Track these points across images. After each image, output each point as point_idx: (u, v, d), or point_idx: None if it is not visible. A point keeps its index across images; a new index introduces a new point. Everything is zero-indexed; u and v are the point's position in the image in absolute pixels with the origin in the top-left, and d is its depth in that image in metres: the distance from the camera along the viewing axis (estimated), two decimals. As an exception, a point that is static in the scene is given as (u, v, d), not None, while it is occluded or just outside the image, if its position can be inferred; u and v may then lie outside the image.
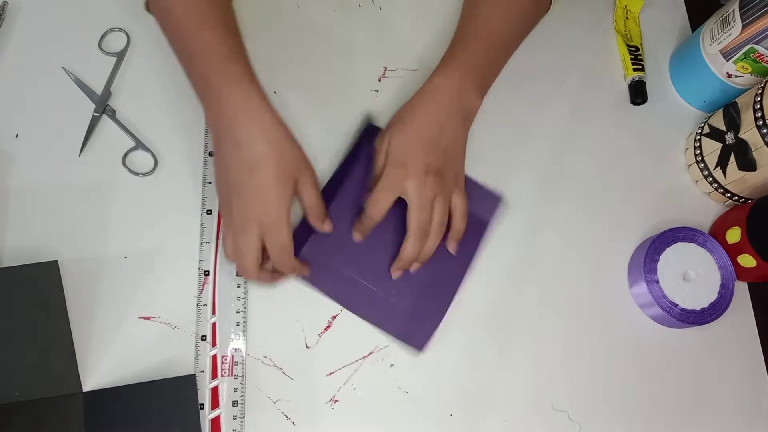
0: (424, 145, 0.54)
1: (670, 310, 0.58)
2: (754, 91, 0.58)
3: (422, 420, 0.56)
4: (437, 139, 0.54)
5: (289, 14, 0.67)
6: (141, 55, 0.63)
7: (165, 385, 0.53)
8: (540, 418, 0.57)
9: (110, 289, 0.56)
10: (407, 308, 0.57)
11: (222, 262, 0.57)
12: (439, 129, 0.54)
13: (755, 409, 0.60)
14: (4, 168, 0.58)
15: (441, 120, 0.55)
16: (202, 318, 0.56)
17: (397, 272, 0.57)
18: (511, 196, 0.62)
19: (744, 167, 0.59)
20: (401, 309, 0.57)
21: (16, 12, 0.63)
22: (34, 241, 0.56)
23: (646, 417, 0.58)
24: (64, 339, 0.52)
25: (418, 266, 0.57)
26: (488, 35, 0.58)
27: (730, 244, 0.60)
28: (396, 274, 0.57)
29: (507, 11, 0.59)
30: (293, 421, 0.54)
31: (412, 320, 0.57)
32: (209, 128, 0.55)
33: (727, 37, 0.61)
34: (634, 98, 0.68)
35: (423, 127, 0.54)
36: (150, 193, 0.59)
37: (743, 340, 0.62)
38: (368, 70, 0.66)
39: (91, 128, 0.60)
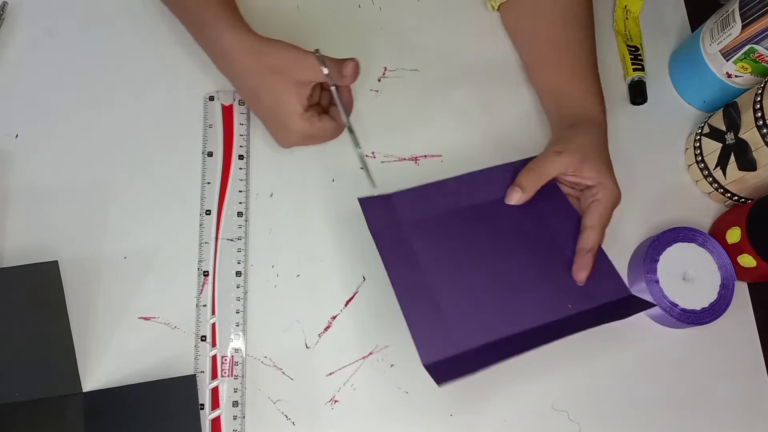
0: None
1: (670, 310, 0.58)
2: (754, 91, 0.58)
3: (422, 420, 0.56)
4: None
5: (289, 14, 0.67)
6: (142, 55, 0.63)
7: (165, 386, 0.53)
8: (540, 418, 0.57)
9: (110, 289, 0.56)
10: (591, 297, 0.54)
11: (221, 263, 0.57)
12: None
13: (755, 409, 0.60)
14: (4, 168, 0.58)
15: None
16: (201, 318, 0.56)
17: (583, 273, 0.54)
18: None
19: (744, 167, 0.59)
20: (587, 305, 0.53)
21: (16, 12, 0.63)
22: (34, 241, 0.56)
23: (646, 417, 0.58)
24: (64, 339, 0.52)
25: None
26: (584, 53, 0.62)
27: (730, 244, 0.60)
28: (582, 275, 0.54)
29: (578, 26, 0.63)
30: (293, 421, 0.54)
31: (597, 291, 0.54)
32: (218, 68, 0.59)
33: (727, 37, 0.61)
34: (634, 98, 0.68)
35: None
36: (150, 193, 0.59)
37: (743, 340, 0.62)
38: (368, 70, 0.66)
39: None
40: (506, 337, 0.51)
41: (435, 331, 0.51)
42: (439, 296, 0.52)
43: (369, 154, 0.62)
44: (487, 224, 0.56)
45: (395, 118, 0.64)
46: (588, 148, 0.56)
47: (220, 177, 0.60)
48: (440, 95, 0.66)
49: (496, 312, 0.52)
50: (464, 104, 0.66)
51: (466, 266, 0.54)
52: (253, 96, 0.56)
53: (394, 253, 0.53)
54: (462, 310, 0.52)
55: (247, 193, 0.60)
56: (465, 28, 0.69)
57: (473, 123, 0.65)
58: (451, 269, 0.54)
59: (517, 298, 0.53)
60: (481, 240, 0.56)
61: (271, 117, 0.57)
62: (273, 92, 0.55)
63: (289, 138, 0.58)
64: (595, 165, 0.55)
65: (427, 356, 0.49)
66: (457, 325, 0.51)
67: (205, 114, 0.62)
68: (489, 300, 0.53)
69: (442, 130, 0.64)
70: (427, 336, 0.50)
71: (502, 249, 0.56)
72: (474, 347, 0.50)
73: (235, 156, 0.60)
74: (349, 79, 0.56)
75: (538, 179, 0.56)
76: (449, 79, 0.66)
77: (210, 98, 0.62)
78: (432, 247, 0.54)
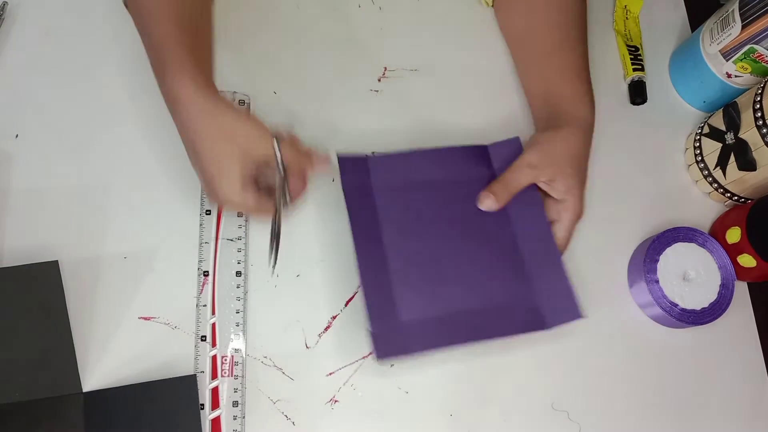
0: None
1: (670, 310, 0.58)
2: (754, 91, 0.58)
3: (422, 420, 0.56)
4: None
5: (289, 14, 0.67)
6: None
7: (165, 386, 0.53)
8: (540, 418, 0.57)
9: (110, 289, 0.56)
10: (524, 294, 0.55)
11: (221, 263, 0.57)
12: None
13: (755, 409, 0.60)
14: (4, 168, 0.58)
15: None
16: (201, 318, 0.56)
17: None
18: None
19: (744, 167, 0.59)
20: (518, 300, 0.55)
21: (16, 12, 0.63)
22: (34, 241, 0.56)
23: (646, 417, 0.58)
24: (64, 339, 0.52)
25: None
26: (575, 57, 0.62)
27: (730, 244, 0.60)
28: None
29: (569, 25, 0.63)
30: (293, 421, 0.54)
31: (543, 299, 0.55)
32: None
33: (727, 37, 0.61)
34: (634, 98, 0.68)
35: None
36: (150, 193, 0.59)
37: (743, 340, 0.62)
38: (368, 70, 0.66)
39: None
40: (447, 318, 0.53)
41: (384, 300, 0.53)
42: (391, 265, 0.54)
43: (369, 154, 0.62)
44: (454, 202, 0.58)
45: (395, 118, 0.64)
46: (564, 160, 0.56)
47: (220, 177, 0.59)
48: (440, 95, 0.66)
49: (441, 287, 0.54)
50: (464, 104, 0.66)
51: (421, 240, 0.56)
52: (191, 150, 0.51)
53: (360, 215, 0.55)
54: (410, 281, 0.54)
55: (247, 193, 0.60)
56: (465, 28, 0.69)
57: (473, 123, 0.65)
58: (407, 240, 0.56)
59: (467, 279, 0.55)
60: (445, 216, 0.57)
61: (205, 176, 0.51)
62: (215, 157, 0.50)
63: (217, 201, 0.53)
64: (566, 180, 0.56)
65: (376, 325, 0.52)
66: (404, 294, 0.53)
67: (205, 114, 0.61)
68: (436, 275, 0.55)
69: (443, 130, 0.64)
70: (378, 306, 0.52)
71: (463, 229, 0.57)
72: (416, 320, 0.53)
73: (235, 156, 0.60)
74: (314, 170, 0.53)
75: (511, 190, 0.57)
76: (449, 79, 0.66)
77: (210, 98, 0.62)
78: (396, 215, 0.56)
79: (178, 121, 0.52)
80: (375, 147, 0.63)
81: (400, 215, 0.57)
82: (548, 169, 0.56)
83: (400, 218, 0.57)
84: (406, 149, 0.59)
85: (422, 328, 0.53)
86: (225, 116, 0.49)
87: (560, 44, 0.62)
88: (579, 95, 0.60)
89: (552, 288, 0.56)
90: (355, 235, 0.54)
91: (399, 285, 0.54)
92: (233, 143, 0.49)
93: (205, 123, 0.49)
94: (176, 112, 0.51)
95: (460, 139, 0.64)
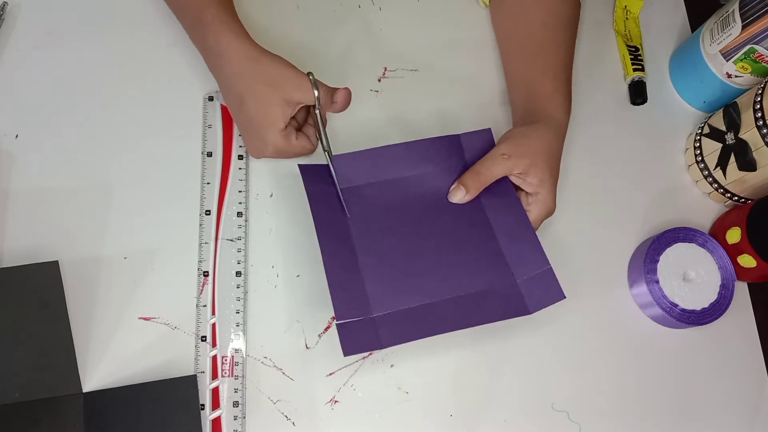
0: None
1: (670, 311, 0.58)
2: (754, 91, 0.58)
3: (422, 420, 0.56)
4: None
5: (289, 15, 0.67)
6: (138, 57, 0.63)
7: (166, 386, 0.53)
8: (540, 418, 0.57)
9: (110, 289, 0.56)
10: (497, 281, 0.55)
11: (221, 263, 0.57)
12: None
13: (755, 409, 0.60)
14: (4, 168, 0.58)
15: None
16: (201, 318, 0.56)
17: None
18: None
19: (744, 167, 0.59)
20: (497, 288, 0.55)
21: (16, 12, 0.63)
22: (34, 241, 0.56)
23: (646, 417, 0.58)
24: (64, 339, 0.52)
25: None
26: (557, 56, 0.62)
27: (730, 245, 0.60)
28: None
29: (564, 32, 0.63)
30: (293, 421, 0.54)
31: (523, 283, 0.55)
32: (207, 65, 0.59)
33: (727, 37, 0.61)
34: (634, 98, 0.68)
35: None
36: (150, 193, 0.59)
37: (743, 340, 0.62)
38: (368, 70, 0.66)
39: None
40: (418, 309, 0.53)
41: (352, 293, 0.53)
42: (360, 261, 0.54)
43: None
44: (426, 194, 0.58)
45: (395, 118, 0.64)
46: (538, 153, 0.56)
47: (220, 177, 0.60)
48: (440, 95, 0.66)
49: (411, 280, 0.54)
50: (464, 104, 0.66)
51: (390, 234, 0.56)
52: (237, 101, 0.56)
53: (325, 216, 0.55)
54: (379, 276, 0.54)
55: (246, 193, 0.60)
56: (465, 27, 0.69)
57: (473, 123, 0.65)
58: (376, 236, 0.56)
59: (442, 269, 0.55)
60: (417, 209, 0.57)
61: (250, 126, 0.56)
62: (260, 103, 0.54)
63: (263, 149, 0.57)
64: (539, 173, 0.56)
65: (342, 315, 0.51)
66: (373, 289, 0.53)
67: (205, 114, 0.62)
68: (406, 268, 0.55)
69: (442, 130, 0.64)
70: (345, 297, 0.52)
71: (436, 220, 0.57)
72: (386, 313, 0.53)
73: (235, 156, 0.60)
74: (340, 106, 0.56)
75: (483, 181, 0.57)
76: (449, 79, 0.66)
77: (209, 98, 0.62)
78: (362, 212, 0.56)
79: (222, 75, 0.56)
80: (375, 146, 0.62)
81: (370, 212, 0.57)
82: (522, 161, 0.56)
83: (369, 215, 0.56)
84: (376, 146, 0.58)
85: (396, 320, 0.53)
86: (267, 62, 0.54)
87: (545, 44, 0.62)
88: (557, 95, 0.60)
89: (532, 272, 0.55)
90: (320, 235, 0.54)
91: (370, 280, 0.54)
92: (276, 90, 0.54)
93: (251, 70, 0.54)
94: (220, 66, 0.56)
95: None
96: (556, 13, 0.63)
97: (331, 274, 0.53)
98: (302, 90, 0.54)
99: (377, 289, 0.53)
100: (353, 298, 0.53)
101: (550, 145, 0.57)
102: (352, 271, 0.54)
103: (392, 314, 0.53)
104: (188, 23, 0.59)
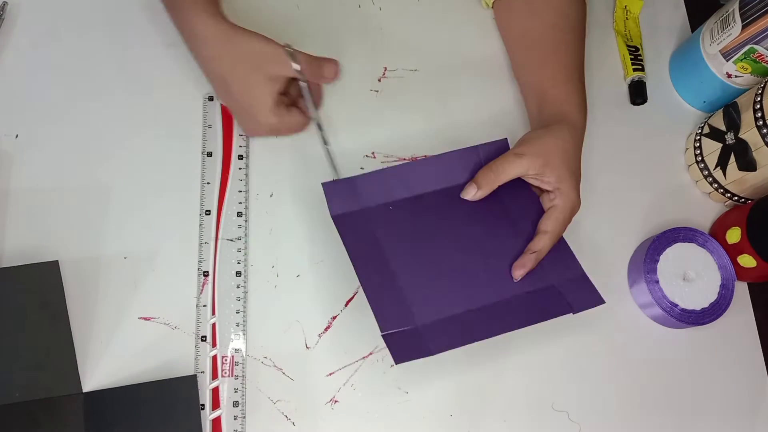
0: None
1: (670, 311, 0.58)
2: (754, 91, 0.58)
3: (422, 420, 0.56)
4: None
5: (289, 15, 0.67)
6: (139, 57, 0.63)
7: (166, 386, 0.53)
8: (540, 418, 0.57)
9: (110, 289, 0.56)
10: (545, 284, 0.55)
11: (221, 263, 0.57)
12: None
13: (755, 409, 0.60)
14: (4, 168, 0.58)
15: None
16: (201, 318, 0.56)
17: (520, 271, 0.55)
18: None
19: (744, 167, 0.59)
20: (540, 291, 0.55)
21: (16, 12, 0.63)
22: (34, 241, 0.56)
23: (646, 417, 0.58)
24: (64, 339, 0.52)
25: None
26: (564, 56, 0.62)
27: (730, 245, 0.60)
28: (518, 273, 0.55)
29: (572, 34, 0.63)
30: (293, 421, 0.54)
31: (562, 285, 0.55)
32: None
33: (727, 37, 0.61)
34: (634, 98, 0.68)
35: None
36: (150, 193, 0.59)
37: (743, 340, 0.62)
38: (368, 70, 0.66)
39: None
40: (462, 316, 0.53)
41: (394, 306, 0.53)
42: (398, 277, 0.54)
43: (369, 155, 0.62)
44: (448, 208, 0.58)
45: (395, 118, 0.64)
46: (552, 152, 0.56)
47: (220, 177, 0.60)
48: (440, 95, 0.66)
49: (452, 290, 0.54)
50: (465, 104, 0.66)
51: (425, 248, 0.56)
52: (222, 84, 0.56)
53: (355, 237, 0.55)
54: (419, 289, 0.54)
55: (246, 193, 0.60)
56: (465, 28, 0.69)
57: (474, 123, 0.65)
58: (410, 251, 0.55)
59: (472, 278, 0.55)
60: (445, 222, 0.57)
61: (239, 107, 0.57)
62: (243, 83, 0.54)
63: (257, 129, 0.58)
64: (556, 171, 0.56)
65: (386, 326, 0.52)
66: (415, 301, 0.53)
67: (205, 114, 0.62)
68: (445, 279, 0.55)
69: (442, 130, 0.64)
70: (387, 310, 0.52)
71: (461, 233, 0.57)
72: (430, 322, 0.53)
73: (235, 156, 0.60)
74: (329, 78, 0.56)
75: (496, 179, 0.56)
76: (449, 79, 0.66)
77: (209, 98, 0.62)
78: (392, 230, 0.56)
79: (201, 58, 0.56)
80: (375, 147, 0.63)
81: (399, 229, 0.56)
82: (537, 160, 0.55)
83: (399, 232, 0.56)
84: (393, 166, 0.58)
85: (442, 327, 0.53)
86: (242, 41, 0.54)
87: (556, 46, 0.62)
88: (572, 97, 0.60)
89: (568, 276, 0.56)
90: (352, 256, 0.54)
91: (410, 294, 0.53)
92: (257, 69, 0.54)
93: (229, 51, 0.54)
94: (198, 49, 0.56)
95: (460, 138, 0.64)
96: (565, 15, 0.63)
97: (370, 291, 0.53)
98: (280, 64, 0.54)
99: (418, 300, 0.53)
100: (395, 310, 0.53)
101: (565, 143, 0.57)
102: (390, 288, 0.54)
103: (437, 322, 0.53)
104: (169, 7, 0.59)
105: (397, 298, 0.53)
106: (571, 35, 0.62)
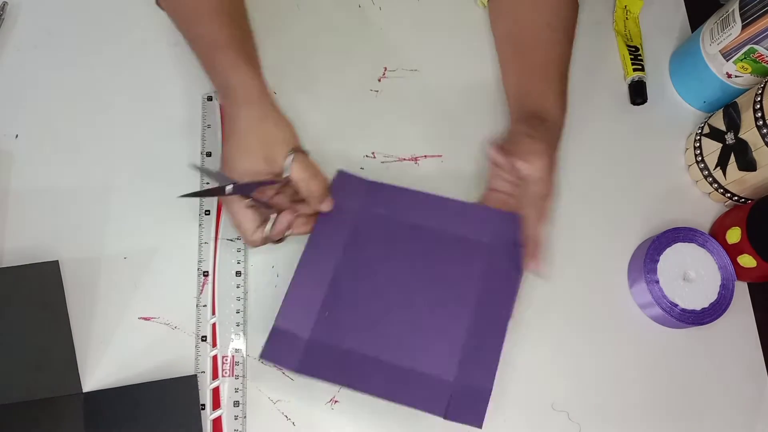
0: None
1: (670, 311, 0.58)
2: (754, 91, 0.58)
3: (422, 420, 0.55)
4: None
5: (289, 15, 0.67)
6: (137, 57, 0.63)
7: (166, 386, 0.53)
8: (540, 418, 0.57)
9: (110, 289, 0.56)
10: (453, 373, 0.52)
11: (221, 263, 0.57)
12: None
13: (755, 409, 0.60)
14: (4, 168, 0.58)
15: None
16: (201, 318, 0.56)
17: (531, 263, 0.54)
18: (511, 196, 0.62)
19: (744, 167, 0.59)
20: (445, 379, 0.52)
21: (16, 12, 0.63)
22: (34, 241, 0.56)
23: (646, 417, 0.58)
24: (64, 339, 0.52)
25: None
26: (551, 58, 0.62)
27: (730, 245, 0.60)
28: (530, 265, 0.54)
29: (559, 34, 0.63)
30: (293, 421, 0.54)
31: (458, 388, 0.52)
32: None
33: (727, 37, 0.61)
34: (634, 98, 0.68)
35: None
36: (149, 193, 0.59)
37: (743, 340, 0.62)
38: (368, 70, 0.66)
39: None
40: (355, 356, 0.52)
41: (304, 309, 0.53)
42: (331, 285, 0.54)
43: (369, 155, 0.62)
44: (430, 253, 0.56)
45: (395, 118, 0.64)
46: (547, 143, 0.56)
47: (220, 177, 0.60)
48: (440, 95, 0.66)
49: (367, 328, 0.53)
50: (464, 104, 0.66)
51: (378, 275, 0.55)
52: (233, 138, 0.53)
53: (329, 228, 0.55)
54: (340, 308, 0.54)
55: (247, 193, 0.60)
56: (465, 28, 0.69)
57: (474, 123, 0.65)
58: (363, 268, 0.55)
59: (400, 332, 0.53)
60: (414, 263, 0.55)
61: (226, 151, 0.53)
62: (246, 148, 0.52)
63: (228, 172, 0.53)
64: (546, 161, 0.55)
65: (283, 323, 0.52)
66: (325, 317, 0.53)
67: (204, 114, 0.62)
68: (370, 314, 0.54)
69: (443, 130, 0.64)
70: (295, 309, 0.53)
71: (424, 284, 0.55)
72: (322, 344, 0.52)
73: (235, 156, 0.60)
74: (318, 204, 0.54)
75: (507, 153, 0.55)
76: (449, 79, 0.66)
77: (208, 98, 0.62)
78: (367, 241, 0.56)
79: (230, 113, 0.53)
80: (375, 147, 0.63)
81: (372, 243, 0.56)
82: (541, 143, 0.55)
83: (369, 246, 0.56)
84: (407, 186, 0.58)
85: (324, 354, 0.52)
86: (269, 123, 0.53)
87: (540, 42, 0.62)
88: (553, 94, 0.60)
89: (472, 383, 0.52)
90: (310, 241, 0.54)
91: (325, 306, 0.53)
92: (266, 146, 0.52)
93: (253, 125, 0.52)
94: (233, 113, 0.53)
95: (460, 138, 0.64)
96: (555, 13, 0.63)
97: (298, 280, 0.54)
98: (281, 157, 0.52)
99: (330, 318, 0.53)
100: (301, 312, 0.53)
101: (550, 140, 0.57)
102: (315, 289, 0.54)
103: (327, 347, 0.52)
104: (202, 57, 0.56)
105: (311, 302, 0.53)
106: (558, 34, 0.63)
